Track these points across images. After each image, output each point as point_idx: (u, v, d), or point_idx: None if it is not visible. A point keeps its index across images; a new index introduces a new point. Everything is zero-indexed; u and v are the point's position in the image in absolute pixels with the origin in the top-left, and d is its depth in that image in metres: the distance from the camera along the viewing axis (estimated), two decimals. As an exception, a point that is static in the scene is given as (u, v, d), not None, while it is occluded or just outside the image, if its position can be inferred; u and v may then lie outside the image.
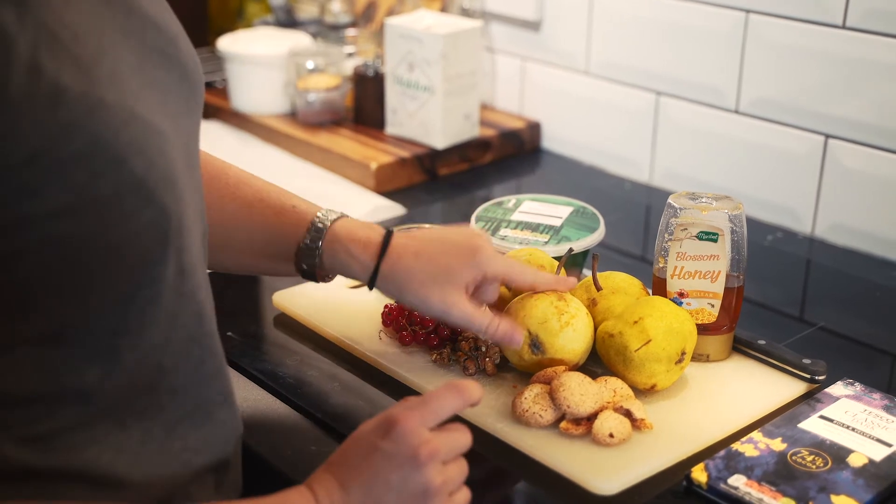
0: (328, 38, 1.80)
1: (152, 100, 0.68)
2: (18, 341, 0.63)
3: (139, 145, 0.63)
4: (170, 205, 0.66)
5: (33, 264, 0.61)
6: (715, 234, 0.97)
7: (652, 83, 1.49)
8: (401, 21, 1.52)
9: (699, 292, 0.99)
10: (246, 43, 1.67)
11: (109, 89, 0.62)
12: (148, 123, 0.65)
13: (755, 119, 1.38)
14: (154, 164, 0.64)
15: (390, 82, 1.55)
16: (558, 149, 1.66)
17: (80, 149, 0.60)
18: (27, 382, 0.65)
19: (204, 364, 0.76)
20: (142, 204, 0.64)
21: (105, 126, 0.61)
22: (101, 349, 0.66)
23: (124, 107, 0.63)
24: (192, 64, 0.79)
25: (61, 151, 0.59)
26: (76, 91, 0.59)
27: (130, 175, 0.62)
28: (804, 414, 0.93)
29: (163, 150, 0.66)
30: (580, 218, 1.16)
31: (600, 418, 0.89)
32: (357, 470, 0.73)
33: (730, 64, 1.39)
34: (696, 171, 1.47)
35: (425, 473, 0.73)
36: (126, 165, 0.62)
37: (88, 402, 0.67)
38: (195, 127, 0.79)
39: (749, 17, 1.35)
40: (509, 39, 1.67)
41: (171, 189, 0.66)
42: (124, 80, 0.65)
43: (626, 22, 1.50)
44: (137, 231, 0.64)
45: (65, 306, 0.63)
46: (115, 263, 0.64)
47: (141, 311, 0.67)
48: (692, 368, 1.00)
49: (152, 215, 0.65)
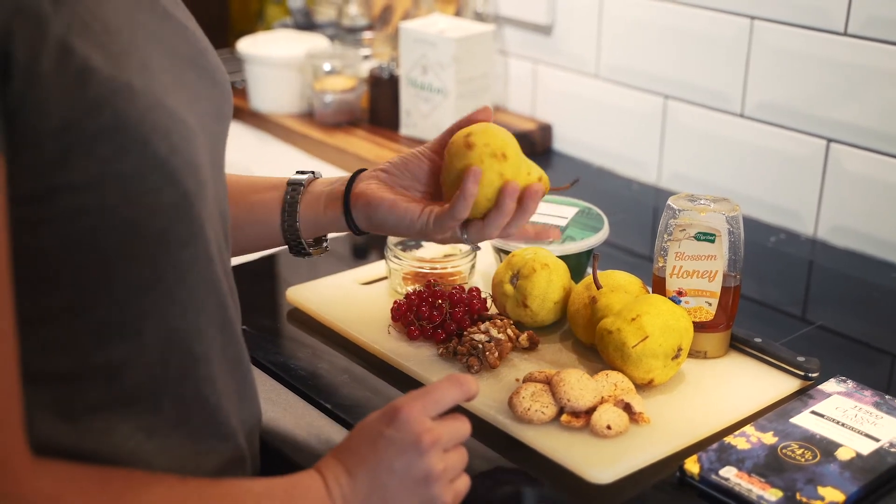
0: (345, 40, 1.85)
1: (182, 97, 0.73)
2: (46, 316, 0.67)
3: (164, 130, 0.67)
4: (191, 189, 0.70)
5: (58, 235, 0.65)
6: (712, 234, 1.01)
7: (660, 87, 1.53)
8: (415, 25, 1.56)
9: (697, 291, 1.02)
10: (265, 45, 1.72)
11: (137, 77, 0.67)
12: (174, 113, 0.69)
13: (759, 123, 1.41)
14: (177, 150, 0.68)
15: (404, 84, 1.59)
16: (569, 150, 1.69)
17: (106, 125, 0.64)
18: (56, 359, 0.68)
19: (230, 353, 0.80)
20: (163, 183, 0.67)
21: (131, 107, 0.65)
22: (127, 329, 0.70)
23: (151, 94, 0.67)
24: (221, 76, 0.84)
25: (88, 127, 0.63)
26: (104, 73, 0.64)
27: (153, 156, 0.66)
28: (796, 409, 0.96)
29: (188, 139, 0.70)
30: (585, 218, 1.19)
31: (599, 411, 0.92)
32: (363, 456, 0.77)
33: (735, 69, 1.42)
34: (702, 174, 1.50)
35: (427, 459, 0.77)
36: (150, 146, 0.66)
37: (116, 380, 0.70)
38: (223, 133, 0.83)
39: (754, 24, 1.38)
40: (522, 43, 1.71)
41: (193, 175, 0.70)
42: (154, 73, 0.69)
43: (634, 27, 1.54)
44: (159, 209, 0.68)
45: (88, 281, 0.67)
46: (138, 240, 0.67)
47: (166, 293, 0.71)
48: (690, 364, 1.03)
49: (174, 197, 0.68)
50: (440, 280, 1.14)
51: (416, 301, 1.07)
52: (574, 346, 1.07)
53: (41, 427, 0.68)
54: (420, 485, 0.77)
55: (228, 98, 0.85)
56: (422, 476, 0.77)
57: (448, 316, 1.06)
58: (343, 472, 0.77)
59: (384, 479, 0.77)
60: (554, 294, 1.06)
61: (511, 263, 1.08)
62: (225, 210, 0.84)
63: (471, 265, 1.17)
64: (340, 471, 0.77)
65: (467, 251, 1.17)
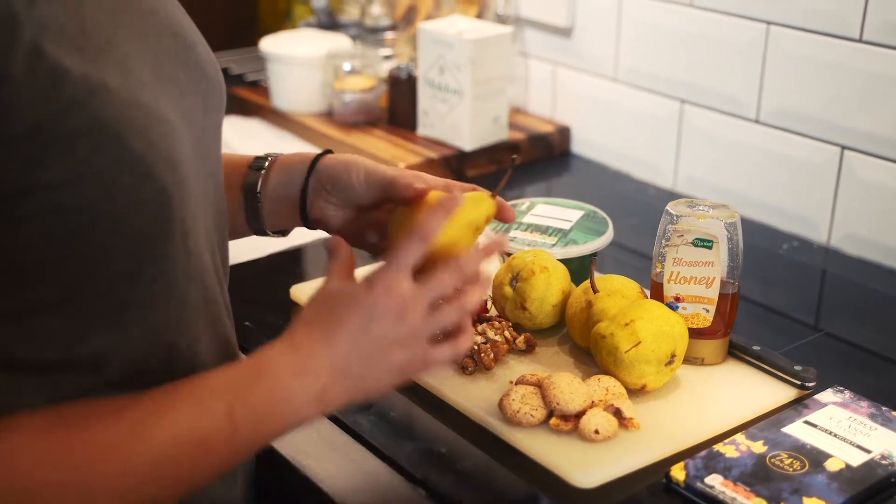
0: (367, 40, 1.86)
1: (164, 94, 0.74)
2: (29, 308, 0.68)
3: (140, 127, 0.68)
4: (170, 185, 0.70)
5: (38, 231, 0.66)
6: (710, 241, 1.00)
7: (676, 91, 1.52)
8: (433, 26, 1.57)
9: (694, 297, 1.02)
10: (287, 44, 1.74)
11: (114, 77, 0.68)
12: (151, 110, 0.70)
13: (774, 129, 1.40)
14: (154, 146, 0.69)
15: (422, 85, 1.59)
16: (587, 153, 1.69)
17: (81, 125, 0.65)
18: (42, 349, 0.70)
19: (216, 348, 0.81)
20: (140, 179, 0.68)
21: (106, 106, 0.66)
22: (111, 321, 0.71)
23: (128, 92, 0.68)
24: (211, 69, 0.85)
25: (63, 127, 0.64)
26: (78, 74, 0.65)
27: (130, 153, 0.67)
28: (789, 418, 0.95)
29: (166, 135, 0.71)
30: (590, 222, 1.19)
31: (588, 415, 0.92)
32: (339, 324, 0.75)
33: (751, 74, 1.41)
34: (716, 179, 1.49)
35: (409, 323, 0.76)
36: (125, 143, 0.67)
37: (101, 370, 0.72)
38: (213, 125, 0.84)
39: (770, 29, 1.37)
40: (542, 45, 1.71)
41: (171, 171, 0.71)
42: (132, 71, 0.70)
43: (652, 30, 1.53)
44: (136, 206, 0.69)
45: (71, 275, 0.68)
46: (117, 235, 0.69)
47: (148, 286, 0.72)
48: (686, 371, 1.03)
49: (152, 192, 0.69)
50: (443, 281, 1.14)
51: (416, 301, 1.08)
52: (571, 349, 1.07)
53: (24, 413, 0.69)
54: (397, 349, 0.76)
55: (219, 90, 0.86)
56: (400, 339, 0.76)
57: (447, 316, 1.06)
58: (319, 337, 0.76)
59: (363, 345, 0.75)
60: (552, 297, 1.06)
61: (511, 266, 1.09)
62: (219, 202, 0.85)
63: (474, 266, 1.17)
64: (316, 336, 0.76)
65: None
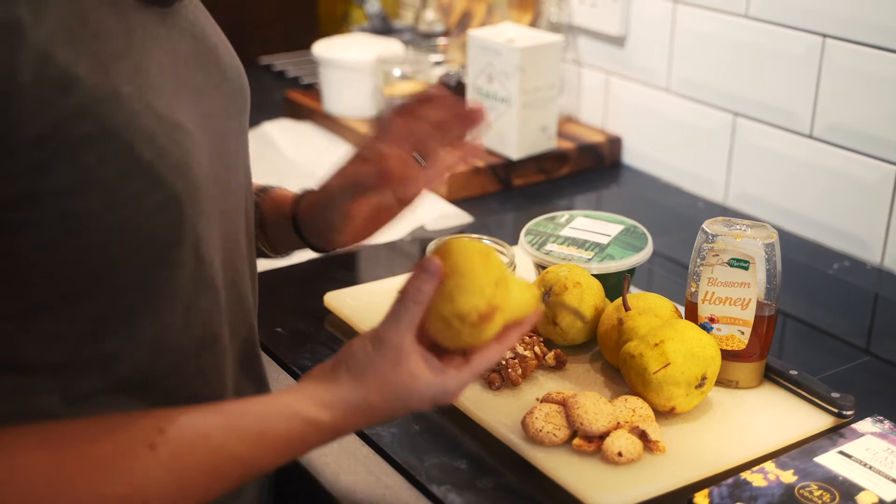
0: (420, 46, 1.85)
1: (180, 98, 0.73)
2: (37, 311, 0.68)
3: (150, 134, 0.68)
4: (180, 191, 0.70)
5: (45, 237, 0.66)
6: (746, 261, 0.97)
7: (729, 103, 1.49)
8: (483, 33, 1.56)
9: (729, 319, 0.99)
10: (339, 48, 1.74)
11: (127, 82, 0.67)
12: (164, 116, 0.70)
13: (828, 145, 1.36)
14: (165, 153, 0.69)
15: (471, 92, 1.58)
16: (638, 164, 1.66)
17: (89, 133, 0.65)
18: (51, 350, 0.70)
19: (226, 353, 0.81)
20: (148, 187, 0.68)
21: (116, 114, 0.66)
22: (118, 324, 0.71)
23: (140, 98, 0.68)
24: (233, 72, 0.85)
25: (70, 134, 0.64)
26: (89, 81, 0.65)
27: (138, 160, 0.67)
28: (823, 448, 0.92)
29: (179, 141, 0.71)
30: (629, 237, 1.17)
31: (612, 437, 0.90)
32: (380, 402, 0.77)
33: (805, 88, 1.37)
34: (768, 194, 1.46)
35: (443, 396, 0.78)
36: (134, 151, 0.67)
37: (111, 370, 0.72)
38: (234, 128, 0.84)
39: (825, 42, 1.33)
40: (595, 54, 1.69)
41: (182, 177, 0.70)
42: (149, 76, 0.70)
43: (706, 40, 1.50)
44: (146, 212, 0.68)
45: (77, 279, 0.68)
46: (126, 242, 0.69)
47: (157, 291, 0.72)
48: (719, 394, 1.00)
49: (161, 200, 0.69)
50: (477, 292, 1.12)
51: (446, 313, 1.07)
52: (603, 367, 1.05)
53: (44, 409, 0.70)
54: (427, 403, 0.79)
55: (241, 93, 0.85)
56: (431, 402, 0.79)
57: (476, 330, 1.05)
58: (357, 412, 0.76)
59: (397, 410, 0.78)
60: (585, 313, 1.04)
61: (544, 280, 1.07)
62: (240, 205, 0.85)
63: (509, 279, 1.15)
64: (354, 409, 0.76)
65: (507, 263, 1.15)
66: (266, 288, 0.99)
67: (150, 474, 0.68)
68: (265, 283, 0.99)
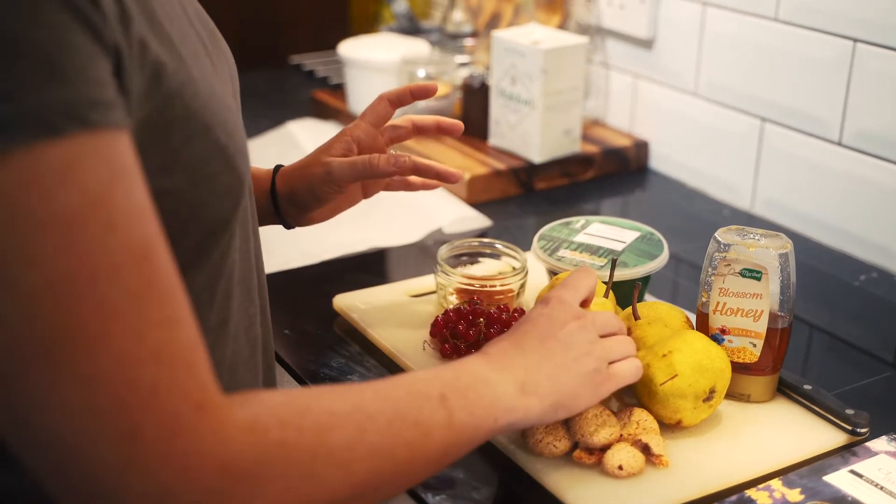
0: (447, 47, 1.83)
1: (218, 83, 0.75)
2: None
3: (220, 117, 0.70)
4: (244, 173, 0.73)
5: None
6: (759, 272, 0.94)
7: (757, 108, 1.45)
8: (507, 34, 1.53)
9: (741, 330, 0.96)
10: (364, 48, 1.73)
11: (194, 67, 0.68)
12: (223, 100, 0.72)
13: (857, 153, 1.32)
14: (232, 136, 0.71)
15: (495, 94, 1.56)
16: (665, 169, 1.63)
17: (177, 116, 0.65)
18: None
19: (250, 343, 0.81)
20: (222, 168, 0.70)
21: (195, 98, 0.67)
22: None
23: (207, 83, 0.70)
24: (229, 56, 0.86)
25: (162, 118, 0.64)
26: (171, 67, 0.65)
27: (215, 142, 0.69)
28: (833, 466, 0.89)
29: (236, 124, 0.73)
30: (644, 244, 1.14)
31: (613, 449, 0.88)
32: (525, 331, 0.83)
33: (835, 94, 1.33)
34: (795, 202, 1.42)
35: (587, 332, 0.84)
36: (212, 133, 0.68)
37: None
38: (239, 114, 0.85)
39: (856, 47, 1.29)
40: (623, 56, 1.66)
41: (243, 159, 0.73)
42: (200, 61, 0.71)
43: (734, 43, 1.46)
44: (218, 193, 0.70)
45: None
46: (197, 220, 0.70)
47: (207, 275, 0.73)
48: (730, 407, 0.97)
49: (230, 181, 0.71)
50: (487, 298, 1.11)
51: (454, 318, 1.05)
52: (611, 377, 1.02)
53: None
54: (584, 356, 0.82)
55: (237, 78, 0.87)
56: (585, 346, 0.83)
57: (483, 336, 1.03)
58: (510, 346, 0.82)
59: (551, 346, 0.82)
60: None
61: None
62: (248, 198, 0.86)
63: (521, 284, 1.13)
64: (507, 345, 0.82)
65: (519, 269, 1.13)
66: (275, 289, 0.98)
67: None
68: (273, 284, 0.98)
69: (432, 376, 0.75)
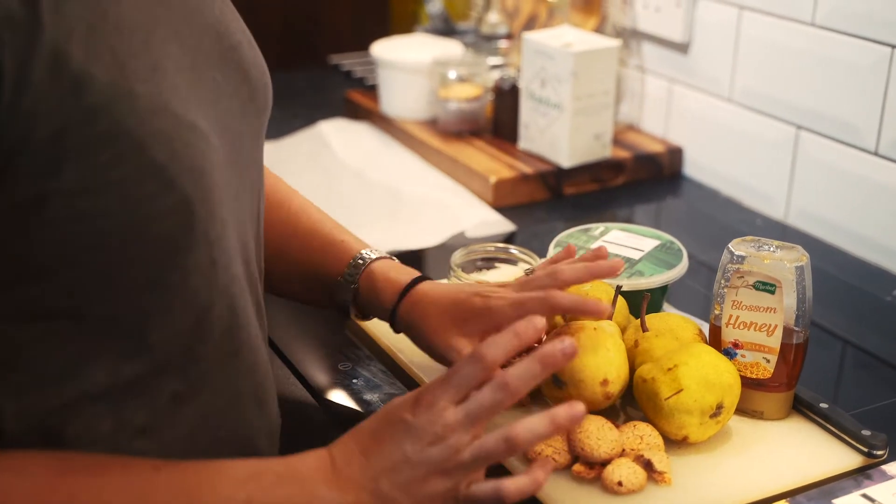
0: (481, 48, 1.81)
1: (198, 98, 0.71)
2: (50, 314, 0.67)
3: (165, 136, 0.66)
4: (193, 194, 0.68)
5: (56, 238, 0.64)
6: (772, 285, 0.91)
7: (793, 116, 1.41)
8: (538, 36, 1.51)
9: (754, 345, 0.93)
10: (396, 49, 1.71)
11: (143, 82, 0.66)
12: (180, 117, 0.68)
13: (893, 162, 1.28)
14: (178, 156, 0.67)
15: (525, 97, 1.54)
16: (698, 176, 1.59)
17: (103, 133, 0.63)
18: (58, 353, 0.68)
19: (238, 359, 0.79)
20: (162, 190, 0.66)
21: (131, 114, 0.64)
22: (130, 328, 0.69)
23: (156, 99, 0.66)
24: (256, 71, 0.82)
25: (84, 134, 0.62)
26: (104, 80, 0.63)
27: (151, 162, 0.65)
28: (845, 489, 0.85)
29: (193, 143, 0.69)
30: (663, 253, 1.11)
31: (613, 464, 0.85)
32: (379, 439, 0.74)
33: (872, 102, 1.29)
34: (829, 212, 1.38)
35: (444, 449, 0.73)
36: (148, 153, 0.65)
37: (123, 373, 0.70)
38: (252, 130, 0.82)
39: (894, 53, 1.25)
40: (658, 60, 1.62)
41: (195, 180, 0.68)
42: (167, 75, 0.68)
43: (770, 49, 1.42)
44: (158, 215, 0.67)
45: (88, 282, 0.66)
46: (137, 245, 0.67)
47: (168, 295, 0.70)
48: (741, 424, 0.94)
49: (174, 202, 0.67)
50: (500, 304, 1.08)
51: (463, 325, 1.03)
52: (621, 389, 0.99)
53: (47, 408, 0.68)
54: (446, 474, 0.73)
55: (262, 93, 0.83)
56: (446, 464, 0.73)
57: (490, 343, 1.01)
58: (357, 452, 0.74)
59: (398, 465, 0.73)
60: None
61: None
62: (252, 209, 0.83)
63: (535, 291, 1.11)
64: (354, 450, 0.74)
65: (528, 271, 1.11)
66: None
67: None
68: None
69: (247, 475, 0.71)
